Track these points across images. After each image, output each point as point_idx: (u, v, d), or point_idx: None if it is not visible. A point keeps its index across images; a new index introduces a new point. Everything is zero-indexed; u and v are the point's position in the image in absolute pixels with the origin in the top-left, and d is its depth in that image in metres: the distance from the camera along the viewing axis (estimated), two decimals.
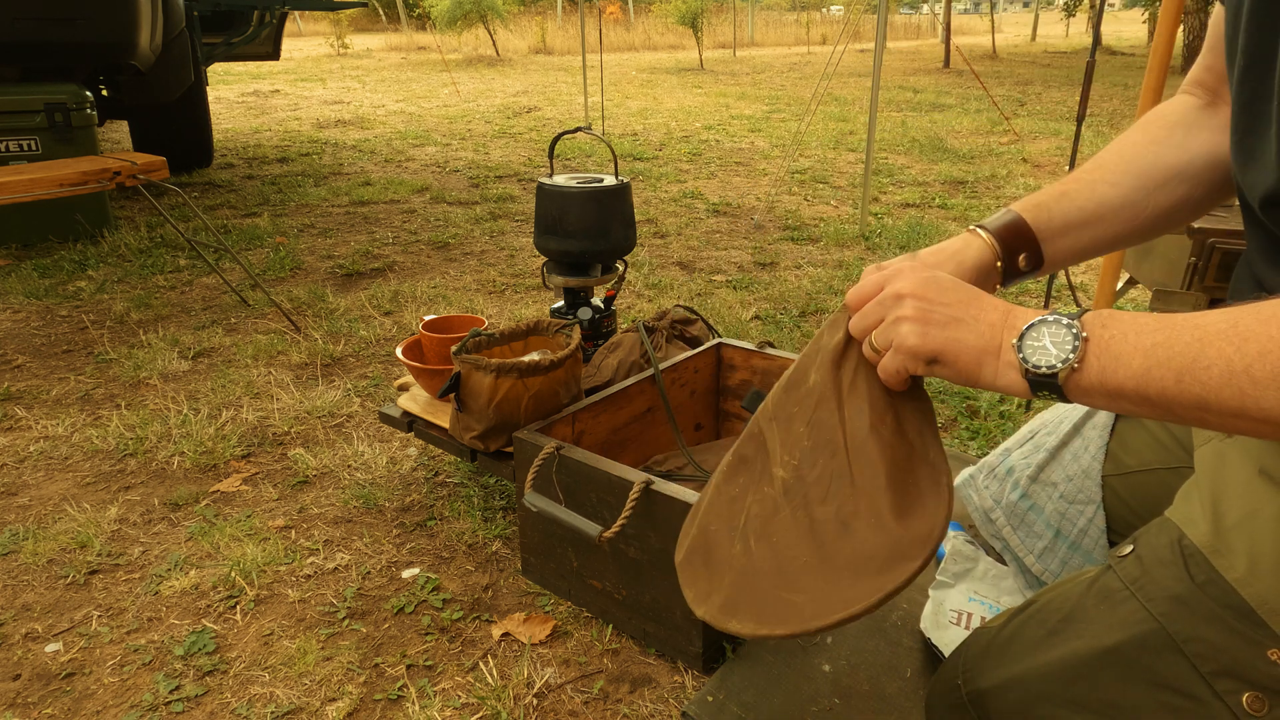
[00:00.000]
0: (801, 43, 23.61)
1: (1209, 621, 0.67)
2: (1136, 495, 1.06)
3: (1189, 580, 0.69)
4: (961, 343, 0.69)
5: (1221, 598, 0.67)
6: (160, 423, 2.15)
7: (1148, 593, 0.71)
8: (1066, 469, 1.15)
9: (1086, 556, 1.12)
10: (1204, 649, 0.67)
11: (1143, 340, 0.62)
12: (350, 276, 3.44)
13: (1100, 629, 0.72)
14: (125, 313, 2.95)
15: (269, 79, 12.38)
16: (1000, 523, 1.27)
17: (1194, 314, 0.61)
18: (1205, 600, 0.67)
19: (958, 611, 1.32)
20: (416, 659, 1.37)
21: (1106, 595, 0.74)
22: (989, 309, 0.70)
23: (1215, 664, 0.66)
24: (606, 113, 8.61)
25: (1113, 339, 0.64)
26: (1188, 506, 0.75)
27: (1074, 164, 2.32)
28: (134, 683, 1.33)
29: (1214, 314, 0.60)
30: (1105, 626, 0.72)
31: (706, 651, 1.31)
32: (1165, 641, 0.68)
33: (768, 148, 6.64)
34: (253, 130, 7.49)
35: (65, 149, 3.61)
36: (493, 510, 1.77)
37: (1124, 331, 0.63)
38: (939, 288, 0.72)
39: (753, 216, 4.43)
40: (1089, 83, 2.10)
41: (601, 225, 1.90)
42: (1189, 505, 0.75)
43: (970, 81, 11.24)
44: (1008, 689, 0.77)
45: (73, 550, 1.65)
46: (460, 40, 18.47)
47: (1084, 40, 21.97)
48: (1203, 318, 0.60)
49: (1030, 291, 3.16)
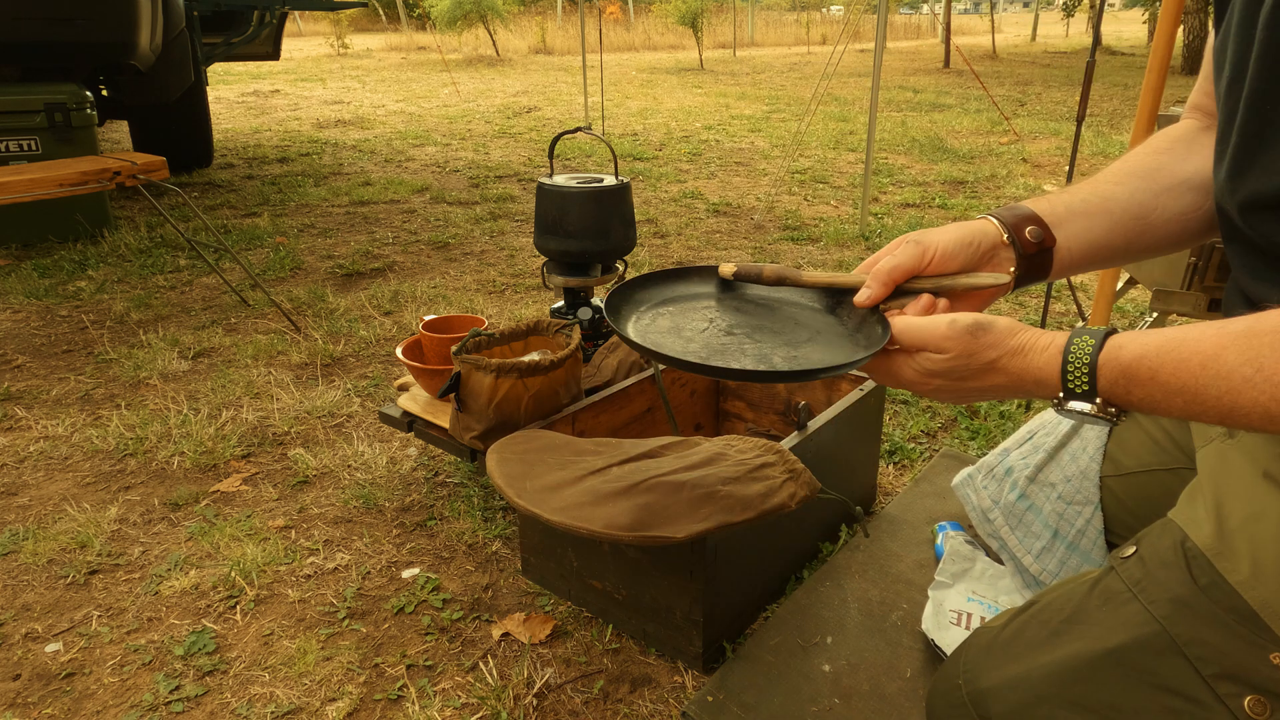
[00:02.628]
0: (801, 43, 23.60)
1: (1211, 624, 0.67)
2: (1134, 496, 1.06)
3: (1192, 583, 0.69)
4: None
5: (1224, 600, 0.67)
6: (160, 423, 2.15)
7: (1150, 595, 0.71)
8: (1065, 470, 1.15)
9: (1085, 557, 1.12)
10: (1206, 652, 0.67)
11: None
12: (350, 276, 3.44)
13: (1102, 631, 0.72)
14: (125, 313, 2.95)
15: (269, 79, 12.38)
16: (998, 523, 1.27)
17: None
18: (1208, 603, 0.67)
19: (957, 612, 1.32)
20: (416, 659, 1.37)
21: (1109, 597, 0.74)
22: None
23: (1217, 667, 0.66)
24: (606, 113, 8.61)
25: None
26: (1191, 508, 0.75)
27: (1074, 164, 2.32)
28: (134, 683, 1.33)
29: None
30: (1107, 628, 0.72)
31: (706, 651, 1.31)
32: (1167, 644, 0.68)
33: (768, 148, 6.64)
34: (253, 130, 7.49)
35: (65, 149, 3.61)
36: (493, 510, 1.77)
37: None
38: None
39: (753, 216, 4.43)
40: (1089, 83, 2.10)
41: (601, 225, 1.90)
42: (1192, 507, 0.75)
43: (970, 81, 11.24)
44: (1009, 689, 0.77)
45: (73, 550, 1.66)
46: (460, 40, 18.47)
47: (1084, 40, 21.96)
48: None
49: (1030, 292, 3.16)
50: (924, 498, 1.72)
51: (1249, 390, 0.59)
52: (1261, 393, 0.58)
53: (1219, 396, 0.61)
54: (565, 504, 1.19)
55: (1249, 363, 0.59)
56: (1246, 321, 0.60)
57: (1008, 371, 0.72)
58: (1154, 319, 2.21)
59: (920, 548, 1.57)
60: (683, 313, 0.91)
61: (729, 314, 0.91)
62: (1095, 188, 0.88)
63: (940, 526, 1.56)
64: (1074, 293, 2.80)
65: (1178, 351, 0.63)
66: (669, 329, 0.87)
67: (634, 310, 0.91)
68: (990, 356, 0.72)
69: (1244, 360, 0.59)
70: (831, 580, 1.48)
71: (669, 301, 0.93)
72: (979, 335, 0.73)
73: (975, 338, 0.73)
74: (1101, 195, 0.87)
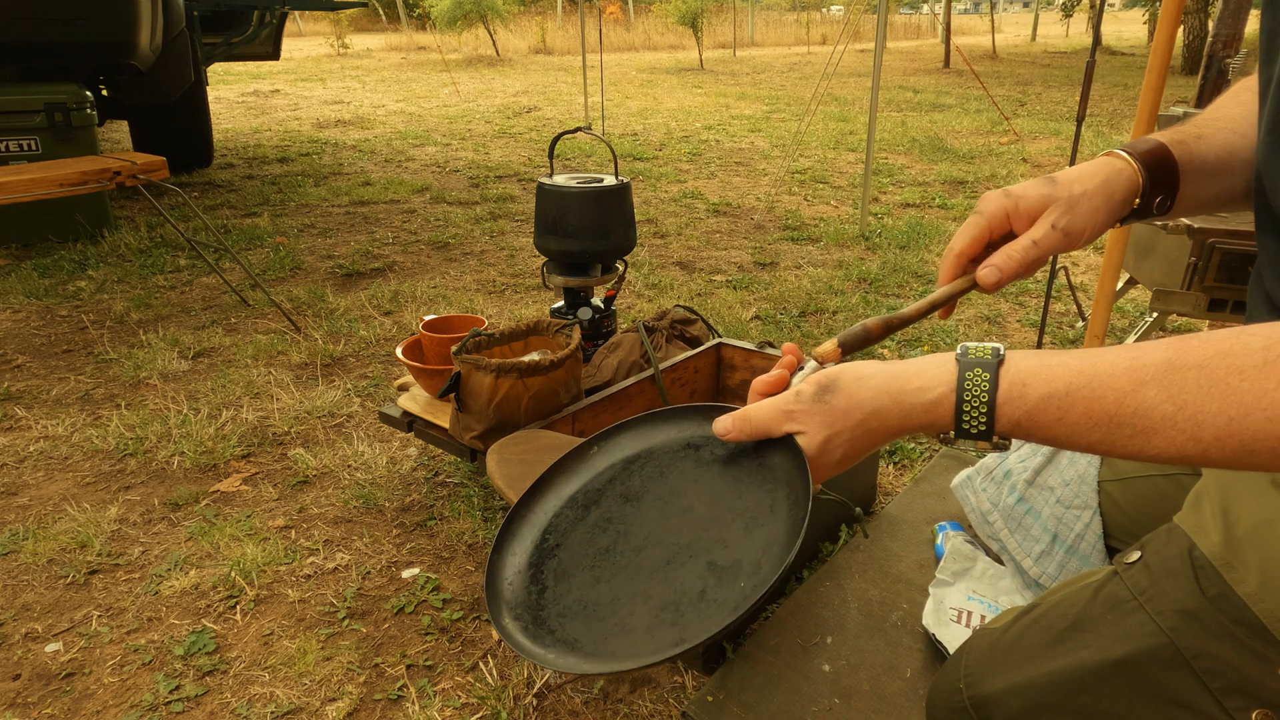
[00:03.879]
0: (801, 43, 23.60)
1: (1219, 637, 0.66)
2: (1132, 501, 1.06)
3: (1200, 594, 0.68)
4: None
5: (1233, 613, 0.65)
6: (160, 423, 2.15)
7: (1156, 605, 0.70)
8: (1063, 473, 1.15)
9: (1084, 561, 1.12)
10: (1214, 665, 0.66)
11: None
12: (350, 276, 3.44)
13: (1107, 640, 0.71)
14: (125, 313, 2.95)
15: (269, 79, 12.38)
16: (998, 525, 1.27)
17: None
18: (1216, 615, 0.66)
19: (958, 610, 1.32)
20: (416, 659, 1.37)
21: (1114, 604, 0.73)
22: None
23: (1225, 680, 0.65)
24: (606, 113, 8.61)
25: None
26: (1197, 514, 0.73)
27: (1074, 164, 2.32)
28: (134, 683, 1.33)
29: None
30: (1113, 638, 0.71)
31: (706, 652, 1.31)
32: (1174, 656, 0.67)
33: (768, 148, 6.64)
34: (253, 130, 7.49)
35: (65, 149, 3.61)
36: (493, 510, 1.77)
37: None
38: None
39: (753, 216, 4.43)
40: (1089, 83, 2.10)
41: (601, 225, 1.90)
42: (1199, 513, 0.73)
43: (970, 81, 11.24)
44: (1011, 696, 0.76)
45: (73, 550, 1.66)
46: (460, 40, 18.47)
47: (1084, 40, 21.96)
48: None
49: (1030, 291, 3.16)
50: (924, 498, 1.72)
51: (1167, 430, 0.54)
52: (1180, 432, 0.53)
53: (1131, 436, 0.55)
54: None
55: (1170, 399, 0.53)
56: (1166, 354, 0.55)
57: (885, 429, 0.64)
58: (1154, 319, 2.21)
59: (920, 548, 1.57)
60: (574, 549, 0.75)
61: (626, 515, 0.75)
62: (1226, 138, 0.78)
63: (940, 526, 1.56)
64: (1074, 293, 2.80)
65: (1089, 388, 0.56)
66: (582, 585, 0.71)
67: (519, 584, 0.73)
68: (855, 419, 0.64)
69: (1165, 397, 0.54)
70: (831, 580, 1.48)
71: (551, 534, 0.77)
72: (829, 400, 0.64)
73: (828, 404, 0.64)
74: (1229, 149, 0.78)
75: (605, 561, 0.72)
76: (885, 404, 0.63)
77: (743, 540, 0.67)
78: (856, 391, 0.64)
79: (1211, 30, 1.77)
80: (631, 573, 0.70)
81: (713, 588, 0.65)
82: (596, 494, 0.79)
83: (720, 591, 0.64)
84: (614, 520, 0.76)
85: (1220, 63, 1.91)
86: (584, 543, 0.75)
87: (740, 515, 0.69)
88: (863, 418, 0.63)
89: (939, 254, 3.68)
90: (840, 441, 0.64)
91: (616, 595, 0.69)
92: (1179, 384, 0.53)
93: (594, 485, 0.80)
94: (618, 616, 0.67)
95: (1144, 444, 0.55)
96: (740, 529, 0.68)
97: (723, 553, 0.67)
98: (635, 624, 0.66)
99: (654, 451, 0.79)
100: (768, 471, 0.70)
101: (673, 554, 0.70)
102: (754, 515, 0.68)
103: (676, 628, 0.64)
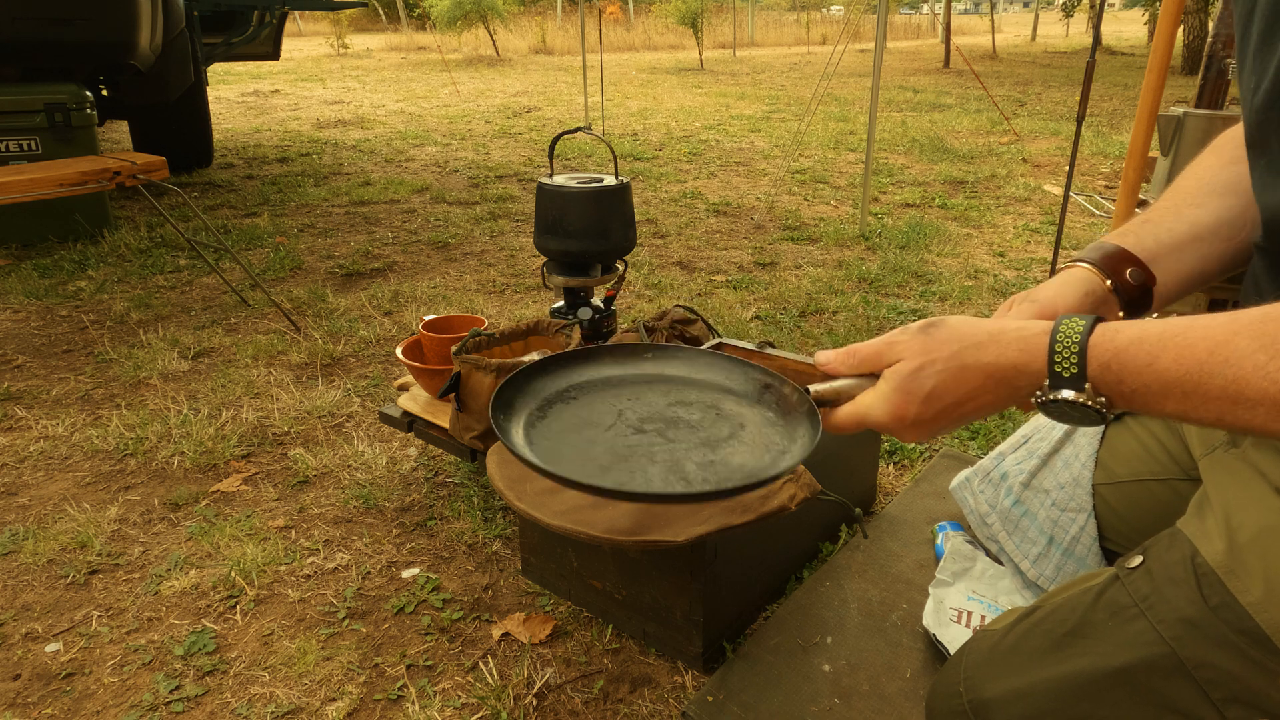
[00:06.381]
0: (801, 43, 23.60)
1: (1221, 647, 0.65)
2: (1126, 505, 1.06)
3: (1202, 602, 0.67)
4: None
5: (1235, 622, 0.65)
6: (160, 423, 2.15)
7: (1158, 613, 0.69)
8: (1058, 476, 1.15)
9: (1080, 563, 1.12)
10: (1216, 675, 0.65)
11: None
12: (350, 276, 3.44)
13: (1109, 647, 0.71)
14: (125, 313, 2.95)
15: (269, 79, 12.38)
16: (995, 527, 1.27)
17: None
18: (1218, 624, 0.65)
19: (958, 610, 1.32)
20: (416, 659, 1.37)
21: (1115, 611, 0.72)
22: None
23: (1226, 691, 0.65)
24: (606, 113, 8.61)
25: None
26: (1200, 520, 0.72)
27: (1073, 164, 2.32)
28: (134, 683, 1.33)
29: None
30: (1114, 645, 0.71)
31: (706, 652, 1.31)
32: (1175, 665, 0.67)
33: (768, 148, 6.64)
34: (253, 130, 7.49)
35: (65, 149, 3.61)
36: (492, 510, 1.77)
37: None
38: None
39: (753, 216, 4.43)
40: (1089, 83, 2.10)
41: (601, 225, 1.90)
42: (1201, 519, 0.72)
43: (970, 81, 11.24)
44: (1011, 702, 0.76)
45: (73, 550, 1.66)
46: (460, 40, 18.47)
47: (1084, 40, 21.96)
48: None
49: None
50: (924, 498, 1.72)
51: (1258, 380, 0.55)
52: (1274, 382, 0.54)
53: (1224, 386, 0.56)
54: (566, 508, 1.19)
55: (1264, 349, 0.55)
56: (1261, 310, 0.57)
57: (979, 365, 0.66)
58: (1154, 319, 2.21)
59: (920, 548, 1.57)
60: (590, 403, 0.80)
61: (641, 402, 0.81)
62: (1178, 215, 0.83)
63: (940, 527, 1.56)
64: None
65: (1183, 336, 0.59)
66: (573, 424, 0.77)
67: (530, 402, 0.79)
68: (952, 349, 0.67)
69: (1258, 346, 0.55)
70: (831, 580, 1.48)
71: (577, 389, 0.82)
72: (932, 332, 0.68)
73: (929, 335, 0.68)
74: (1187, 222, 0.82)
75: (620, 422, 0.78)
76: (983, 339, 0.67)
77: (751, 453, 0.74)
78: (958, 326, 0.68)
79: (1211, 30, 1.77)
80: (643, 438, 0.75)
81: (718, 465, 0.72)
82: (632, 381, 0.84)
83: (726, 470, 0.72)
84: (641, 403, 0.81)
85: (1220, 63, 1.91)
86: (603, 404, 0.81)
87: (760, 441, 0.76)
88: (959, 349, 0.67)
89: (939, 254, 3.69)
90: (933, 371, 0.67)
91: (625, 450, 0.74)
92: (1272, 334, 0.55)
93: (630, 378, 0.85)
94: (614, 458, 0.72)
95: (1236, 394, 0.56)
96: (757, 451, 0.75)
97: (734, 451, 0.74)
98: (637, 468, 0.71)
99: (697, 382, 0.85)
100: (789, 430, 0.76)
101: (689, 443, 0.75)
102: (770, 443, 0.75)
103: (684, 482, 0.70)
